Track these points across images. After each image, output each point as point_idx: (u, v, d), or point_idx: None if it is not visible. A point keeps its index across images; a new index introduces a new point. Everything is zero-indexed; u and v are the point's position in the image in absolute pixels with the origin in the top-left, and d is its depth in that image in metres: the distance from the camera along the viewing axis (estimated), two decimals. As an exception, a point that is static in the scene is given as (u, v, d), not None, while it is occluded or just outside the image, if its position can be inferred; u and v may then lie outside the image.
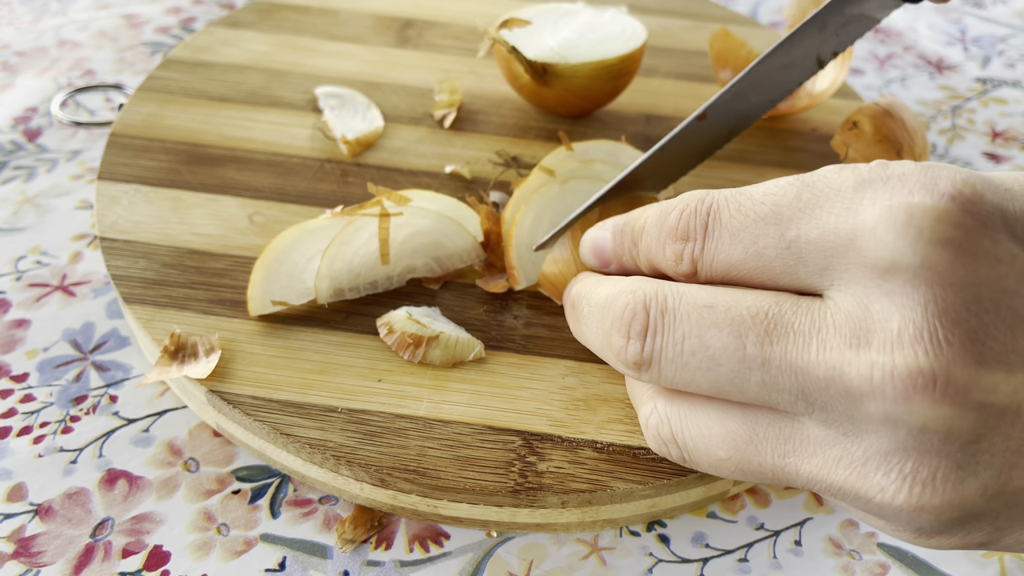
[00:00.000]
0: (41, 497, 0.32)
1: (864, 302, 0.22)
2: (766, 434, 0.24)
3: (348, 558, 0.31)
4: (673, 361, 0.25)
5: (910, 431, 0.21)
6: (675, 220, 0.26)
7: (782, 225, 0.24)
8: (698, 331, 0.24)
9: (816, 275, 0.23)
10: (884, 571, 0.32)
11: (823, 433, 0.23)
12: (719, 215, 0.25)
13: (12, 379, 0.36)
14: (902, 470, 0.22)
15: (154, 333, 0.34)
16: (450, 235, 0.37)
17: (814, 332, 0.23)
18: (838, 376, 0.22)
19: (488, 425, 0.32)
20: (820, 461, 0.23)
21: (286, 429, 0.31)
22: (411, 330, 0.34)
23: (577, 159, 0.39)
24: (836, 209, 0.23)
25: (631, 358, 0.26)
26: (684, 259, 0.26)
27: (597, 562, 0.32)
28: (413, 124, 0.46)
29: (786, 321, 0.23)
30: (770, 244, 0.24)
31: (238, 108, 0.46)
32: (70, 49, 0.56)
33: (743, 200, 0.25)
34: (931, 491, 0.21)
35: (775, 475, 0.25)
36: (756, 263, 0.25)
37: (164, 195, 0.41)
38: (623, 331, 0.26)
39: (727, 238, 0.25)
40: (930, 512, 0.22)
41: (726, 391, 0.24)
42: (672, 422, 0.27)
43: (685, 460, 0.27)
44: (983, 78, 0.60)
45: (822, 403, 0.23)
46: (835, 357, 0.22)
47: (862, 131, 0.41)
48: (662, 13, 0.58)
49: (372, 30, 0.53)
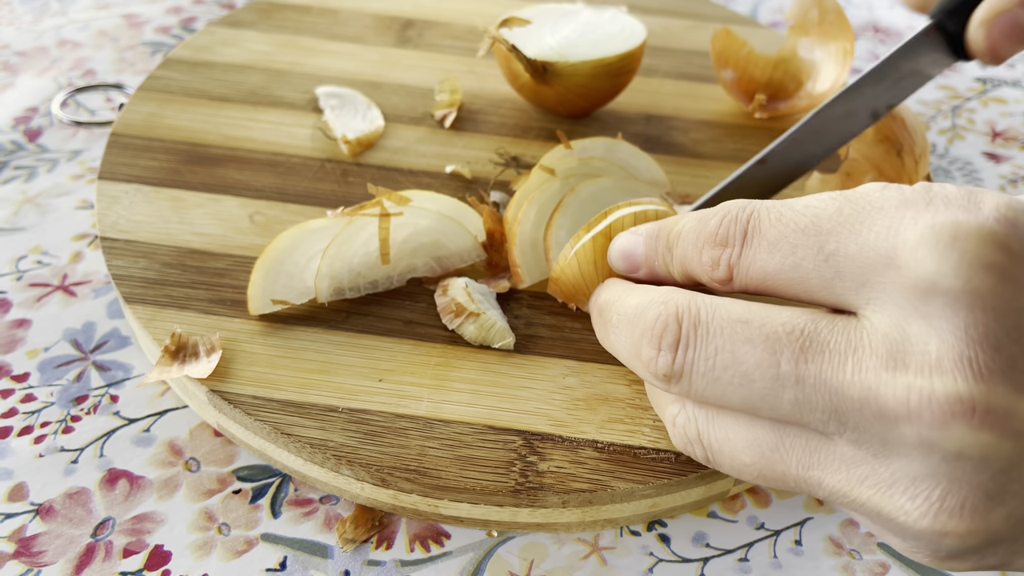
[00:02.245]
0: (42, 497, 0.33)
1: (901, 324, 0.22)
2: (792, 445, 0.24)
3: (349, 558, 0.31)
4: (704, 375, 0.25)
5: (944, 457, 0.21)
6: (715, 226, 0.26)
7: (821, 237, 0.24)
8: (731, 346, 0.24)
9: (852, 292, 0.23)
10: (884, 571, 0.32)
11: (852, 452, 0.23)
12: (759, 223, 0.25)
13: (13, 379, 0.36)
14: (929, 496, 0.21)
15: (155, 333, 0.34)
16: (450, 235, 0.37)
17: (850, 352, 0.22)
18: (873, 398, 0.22)
19: (489, 425, 0.32)
20: (845, 477, 0.23)
21: (287, 429, 0.31)
22: (460, 299, 0.35)
23: (576, 157, 0.39)
24: (877, 226, 0.23)
25: (661, 370, 0.26)
26: (721, 265, 0.26)
27: (598, 562, 0.32)
28: (413, 124, 0.47)
29: (822, 339, 0.23)
30: (808, 256, 0.24)
31: (238, 108, 0.46)
32: (70, 49, 0.56)
33: (784, 211, 0.25)
34: (957, 519, 0.21)
35: (797, 484, 0.25)
36: (792, 274, 0.24)
37: (165, 195, 0.41)
38: (654, 343, 0.26)
39: (765, 246, 0.25)
40: (953, 538, 0.22)
41: (757, 408, 0.24)
42: (699, 422, 0.27)
43: (709, 461, 0.27)
44: (983, 78, 0.60)
45: (855, 424, 0.22)
46: (871, 378, 0.22)
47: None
48: (662, 13, 0.58)
49: (372, 30, 0.53)
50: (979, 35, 0.36)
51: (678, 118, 0.49)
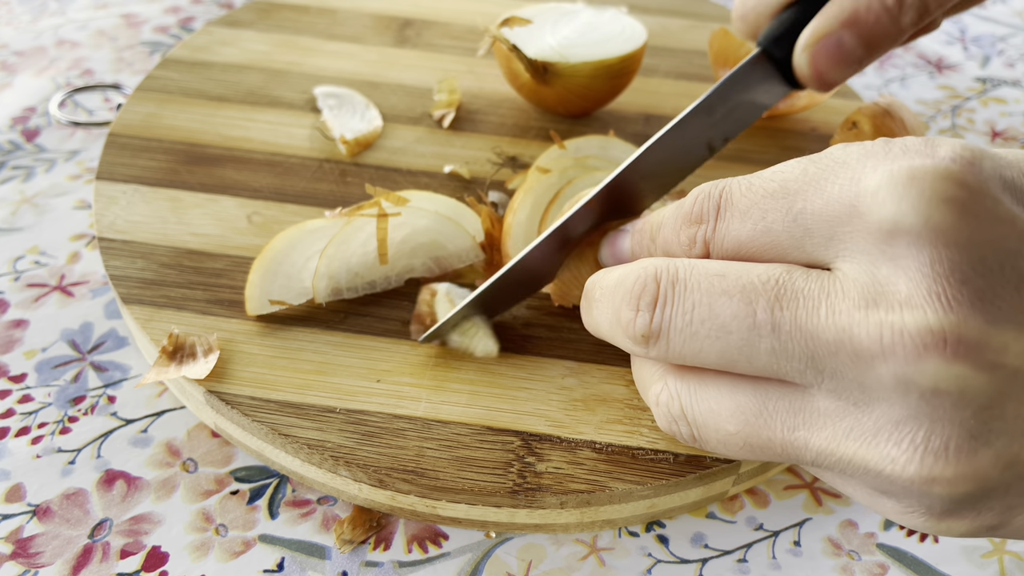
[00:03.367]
0: (39, 498, 0.32)
1: (870, 268, 0.22)
2: (776, 407, 0.24)
3: (347, 559, 0.31)
4: (682, 331, 0.25)
5: (922, 394, 0.21)
6: (689, 206, 0.27)
7: (789, 199, 0.24)
8: (708, 299, 0.24)
9: (822, 247, 0.24)
10: (883, 571, 0.32)
11: (833, 404, 0.23)
12: (730, 196, 0.26)
13: (10, 379, 0.36)
14: (913, 439, 0.22)
15: (152, 333, 0.34)
16: (448, 235, 0.37)
17: (823, 297, 0.23)
18: (847, 338, 0.22)
19: (487, 425, 0.32)
20: (830, 434, 0.23)
21: (284, 429, 0.31)
22: (439, 309, 0.35)
23: (571, 156, 0.39)
24: (840, 180, 0.23)
25: (639, 330, 0.26)
26: (697, 241, 0.27)
27: (596, 562, 0.32)
28: (412, 124, 0.46)
29: (796, 287, 0.23)
30: (777, 218, 0.24)
31: (237, 108, 0.46)
32: (68, 49, 0.56)
33: (754, 180, 0.26)
34: (944, 461, 0.21)
35: (784, 450, 0.25)
36: (765, 239, 0.25)
37: (162, 195, 0.41)
38: (632, 304, 0.26)
39: (738, 216, 0.25)
40: (942, 484, 0.21)
41: (735, 361, 0.24)
42: (682, 397, 0.27)
43: (694, 438, 0.27)
44: (983, 77, 0.60)
45: (831, 370, 0.23)
46: (844, 320, 0.22)
47: (861, 131, 0.41)
48: (661, 13, 0.58)
49: (371, 30, 0.53)
50: (803, 60, 0.36)
51: (677, 118, 0.48)
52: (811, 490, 0.35)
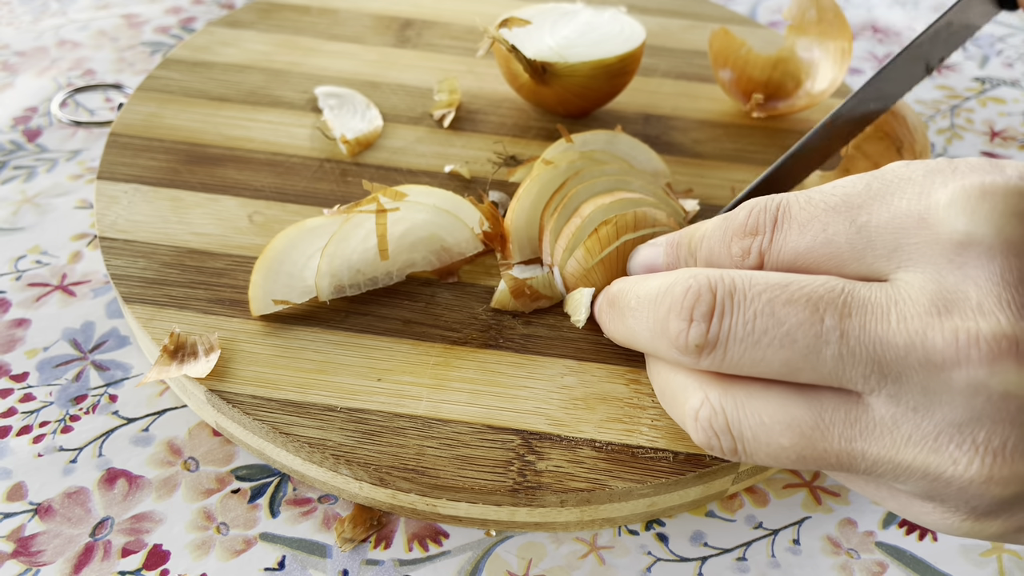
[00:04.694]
0: (41, 496, 0.33)
1: (936, 277, 0.23)
2: (832, 419, 0.24)
3: (347, 557, 0.31)
4: (743, 340, 0.25)
5: (989, 397, 0.22)
6: (744, 218, 0.27)
7: (853, 212, 0.25)
8: (771, 308, 0.25)
9: (884, 258, 0.24)
10: (882, 570, 0.32)
11: (891, 411, 0.23)
12: (788, 209, 0.26)
13: (12, 378, 0.36)
14: (975, 440, 0.22)
15: (154, 332, 0.35)
16: (448, 228, 0.37)
17: (891, 304, 0.23)
18: (920, 343, 0.22)
19: (487, 424, 0.32)
20: (889, 441, 0.23)
21: (285, 428, 0.31)
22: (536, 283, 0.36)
23: (577, 149, 0.39)
24: (907, 194, 0.24)
25: (693, 340, 0.26)
26: (751, 252, 0.27)
27: (596, 561, 0.32)
28: (412, 124, 0.47)
29: (860, 295, 0.24)
30: (840, 230, 0.25)
31: (238, 108, 0.46)
32: (70, 49, 0.56)
33: (813, 195, 0.26)
34: (1002, 460, 0.22)
35: (839, 461, 0.25)
36: (824, 250, 0.25)
37: (164, 195, 0.41)
38: (684, 315, 0.26)
39: (796, 228, 0.26)
40: (998, 483, 0.22)
41: (799, 369, 0.24)
42: (728, 412, 0.26)
43: (737, 452, 0.26)
44: (981, 77, 0.60)
45: (896, 375, 0.23)
46: (916, 325, 0.23)
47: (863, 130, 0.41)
48: (661, 13, 0.58)
49: (371, 30, 0.54)
50: None
51: (677, 118, 0.49)
52: (810, 489, 0.35)
